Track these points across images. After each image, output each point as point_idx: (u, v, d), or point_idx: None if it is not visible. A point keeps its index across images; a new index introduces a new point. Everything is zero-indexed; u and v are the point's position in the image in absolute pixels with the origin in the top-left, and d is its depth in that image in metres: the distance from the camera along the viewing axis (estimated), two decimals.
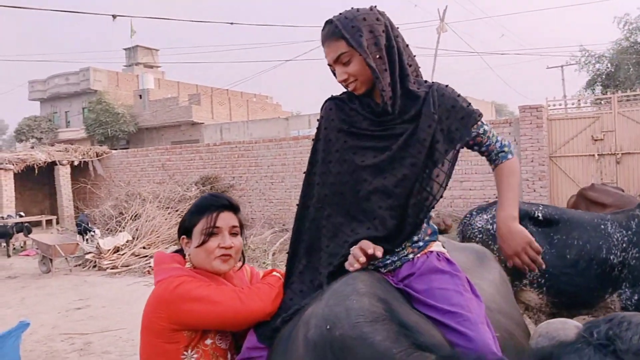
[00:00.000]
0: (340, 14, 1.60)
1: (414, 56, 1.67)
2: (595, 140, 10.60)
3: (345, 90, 1.69)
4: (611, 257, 3.64)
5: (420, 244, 1.61)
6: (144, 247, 10.63)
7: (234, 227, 1.73)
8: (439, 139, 1.58)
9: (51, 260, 9.73)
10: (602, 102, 13.81)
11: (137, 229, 11.19)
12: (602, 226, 3.75)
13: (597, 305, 3.84)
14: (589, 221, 3.82)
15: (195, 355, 1.58)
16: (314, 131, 1.76)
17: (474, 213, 3.89)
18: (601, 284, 3.68)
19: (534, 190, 10.81)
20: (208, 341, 1.62)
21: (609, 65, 20.47)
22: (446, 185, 1.62)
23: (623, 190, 6.20)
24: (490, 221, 3.69)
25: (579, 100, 14.43)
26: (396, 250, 1.58)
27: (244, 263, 1.82)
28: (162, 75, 38.82)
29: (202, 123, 28.45)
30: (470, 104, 1.68)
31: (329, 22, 1.60)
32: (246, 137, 23.84)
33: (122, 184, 16.18)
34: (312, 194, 1.67)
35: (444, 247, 1.67)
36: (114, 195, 15.50)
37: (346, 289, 1.34)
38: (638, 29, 19.65)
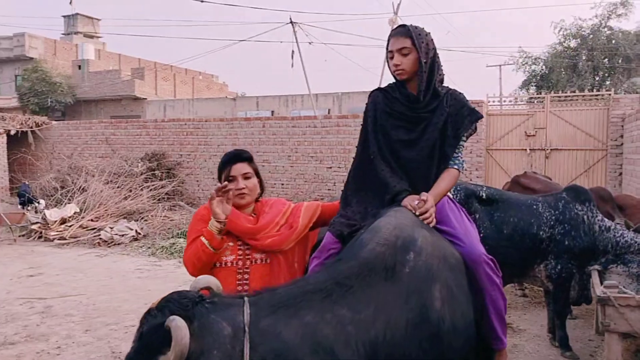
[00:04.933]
0: (412, 24, 2.28)
1: (443, 70, 2.34)
2: (528, 136, 11.51)
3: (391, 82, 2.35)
4: (541, 233, 4.23)
5: None
6: (92, 220, 10.57)
7: (245, 173, 2.36)
8: (447, 127, 2.27)
9: None
10: (535, 101, 14.87)
11: (84, 202, 11.08)
12: (534, 206, 4.34)
13: (527, 275, 4.43)
14: (524, 202, 4.40)
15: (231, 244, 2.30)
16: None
17: None
18: (532, 255, 4.27)
19: (471, 180, 11.59)
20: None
21: (543, 67, 21.78)
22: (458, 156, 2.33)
23: (550, 179, 6.94)
24: None
25: (515, 98, 15.45)
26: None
27: (262, 193, 2.45)
28: (102, 46, 37.32)
29: (145, 99, 27.77)
30: (475, 108, 2.37)
31: (403, 26, 2.29)
32: (191, 115, 23.55)
33: (64, 157, 15.72)
34: (367, 154, 2.31)
35: None
36: (56, 167, 15.09)
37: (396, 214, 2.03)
38: (571, 35, 21.05)
